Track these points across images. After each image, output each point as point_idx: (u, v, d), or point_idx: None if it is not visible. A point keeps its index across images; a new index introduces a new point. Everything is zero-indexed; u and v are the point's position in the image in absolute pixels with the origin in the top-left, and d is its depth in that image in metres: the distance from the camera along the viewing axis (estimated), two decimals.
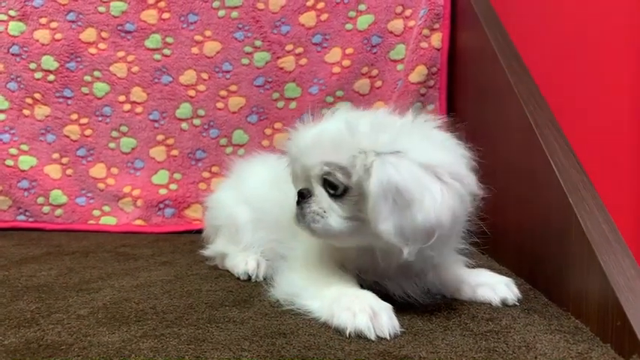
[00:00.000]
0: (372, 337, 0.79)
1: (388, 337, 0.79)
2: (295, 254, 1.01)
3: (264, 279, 1.12)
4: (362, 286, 0.91)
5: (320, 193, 0.89)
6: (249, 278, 1.13)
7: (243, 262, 1.14)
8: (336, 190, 0.86)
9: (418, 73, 1.71)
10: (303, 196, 0.90)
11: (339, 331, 0.82)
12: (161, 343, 0.80)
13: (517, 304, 0.93)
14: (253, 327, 0.86)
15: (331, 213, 0.87)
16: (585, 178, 0.93)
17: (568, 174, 0.94)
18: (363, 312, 0.80)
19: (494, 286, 0.95)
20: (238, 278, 1.15)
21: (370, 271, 0.94)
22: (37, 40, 1.80)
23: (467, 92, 1.65)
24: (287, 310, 0.92)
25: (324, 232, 0.88)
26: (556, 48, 1.72)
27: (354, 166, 0.83)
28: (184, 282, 1.13)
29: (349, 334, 0.80)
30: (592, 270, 0.82)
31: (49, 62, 1.80)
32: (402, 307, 0.91)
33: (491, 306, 0.93)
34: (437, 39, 1.71)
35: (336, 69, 1.79)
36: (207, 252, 1.26)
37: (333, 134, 0.87)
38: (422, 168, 0.80)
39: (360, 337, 0.80)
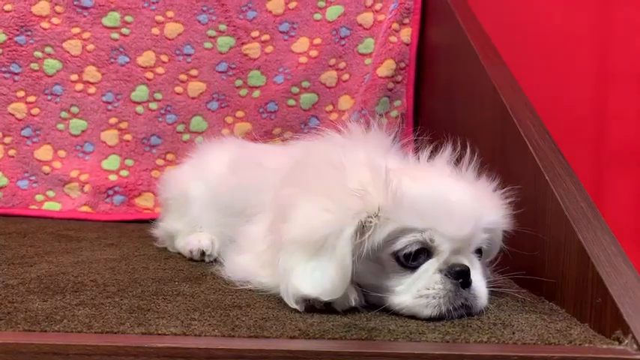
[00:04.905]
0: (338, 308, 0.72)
1: (354, 304, 0.73)
2: (246, 235, 0.93)
3: (216, 260, 1.04)
4: None
5: None
6: (203, 257, 1.05)
7: (195, 239, 1.06)
8: None
9: (386, 67, 1.67)
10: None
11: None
12: (99, 311, 0.71)
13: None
14: (205, 300, 0.78)
15: None
16: (561, 157, 0.90)
17: (544, 152, 0.90)
18: None
19: None
20: (191, 259, 1.06)
21: None
22: None
23: (436, 89, 1.62)
24: (243, 288, 0.85)
25: None
26: (528, 47, 1.73)
27: None
28: (130, 261, 1.04)
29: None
30: (570, 249, 0.78)
31: None
32: None
33: None
34: (406, 34, 1.68)
35: (303, 59, 1.73)
36: (156, 230, 1.17)
37: None
38: None
39: (322, 310, 0.73)
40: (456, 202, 0.75)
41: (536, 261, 0.86)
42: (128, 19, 1.73)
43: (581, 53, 1.77)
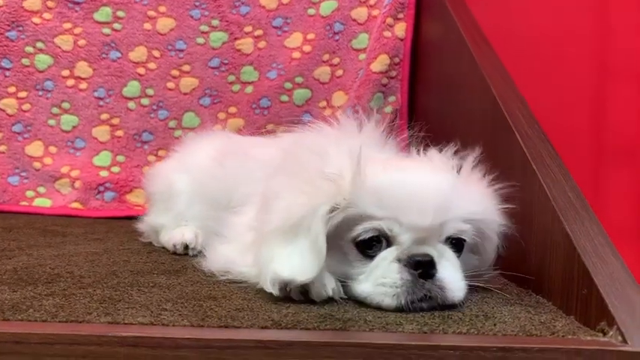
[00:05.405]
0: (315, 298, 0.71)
1: (330, 293, 0.71)
2: (231, 226, 0.92)
3: (200, 253, 1.02)
4: None
5: None
6: (186, 250, 1.03)
7: (179, 233, 1.05)
8: None
9: (380, 62, 1.64)
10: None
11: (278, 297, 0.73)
12: (68, 301, 0.69)
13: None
14: (181, 292, 0.76)
15: None
16: (550, 147, 0.87)
17: (532, 142, 0.87)
18: None
19: None
20: (174, 253, 1.05)
21: None
22: None
23: (430, 84, 1.60)
24: (223, 280, 0.83)
25: None
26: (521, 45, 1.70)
27: None
28: (112, 254, 1.02)
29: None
30: (557, 239, 0.76)
31: None
32: None
33: None
34: (401, 29, 1.66)
35: (296, 54, 1.71)
36: (142, 225, 1.15)
37: None
38: None
39: (300, 302, 0.71)
40: (419, 191, 0.72)
41: (523, 253, 0.84)
42: (120, 14, 1.72)
43: (580, 50, 1.74)
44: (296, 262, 0.69)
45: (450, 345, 0.57)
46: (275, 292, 0.70)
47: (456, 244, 0.75)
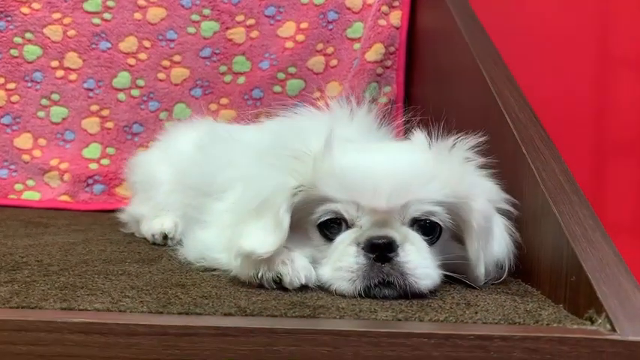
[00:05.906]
0: (288, 281, 0.67)
1: (304, 281, 0.67)
2: (211, 212, 0.88)
3: (180, 242, 0.99)
4: None
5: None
6: (165, 240, 1.00)
7: (158, 223, 1.01)
8: None
9: (375, 52, 1.61)
10: None
11: (250, 284, 0.69)
12: (27, 288, 0.65)
13: None
14: (149, 279, 0.73)
15: None
16: (542, 130, 0.83)
17: (523, 125, 0.83)
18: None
19: None
20: (154, 243, 1.01)
21: None
22: None
23: (426, 73, 1.56)
24: (197, 267, 0.79)
25: None
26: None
27: None
28: (90, 244, 0.99)
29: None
30: (546, 223, 0.72)
31: None
32: None
33: None
34: (396, 17, 1.62)
35: (289, 44, 1.67)
36: (123, 215, 1.12)
37: None
38: None
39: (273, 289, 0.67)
40: (375, 172, 0.69)
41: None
42: (110, 3, 1.68)
43: (581, 43, 1.69)
44: (259, 236, 0.67)
45: (423, 332, 0.53)
46: (238, 264, 0.69)
47: (429, 227, 0.70)
